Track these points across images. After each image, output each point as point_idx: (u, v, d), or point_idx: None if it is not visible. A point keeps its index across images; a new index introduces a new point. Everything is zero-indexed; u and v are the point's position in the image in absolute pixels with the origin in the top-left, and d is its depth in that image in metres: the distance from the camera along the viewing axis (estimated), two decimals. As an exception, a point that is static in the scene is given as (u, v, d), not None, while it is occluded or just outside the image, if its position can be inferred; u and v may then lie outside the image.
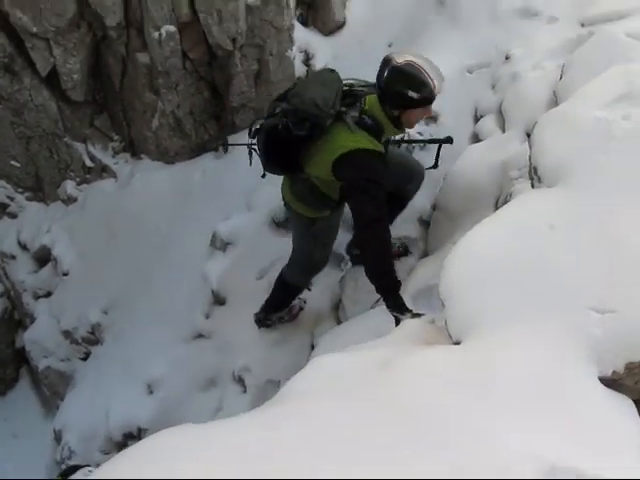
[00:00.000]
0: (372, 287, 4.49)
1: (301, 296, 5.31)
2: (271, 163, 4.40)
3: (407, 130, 4.45)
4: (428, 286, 3.91)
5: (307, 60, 7.27)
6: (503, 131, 4.89)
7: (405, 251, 4.92)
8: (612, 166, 2.73)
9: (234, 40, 6.81)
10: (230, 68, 7.05)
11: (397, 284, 3.93)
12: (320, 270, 4.94)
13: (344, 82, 4.21)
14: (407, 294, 4.15)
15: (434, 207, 4.69)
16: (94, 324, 7.43)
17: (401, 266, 4.67)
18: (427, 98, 3.98)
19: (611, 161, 2.75)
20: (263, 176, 4.60)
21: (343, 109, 4.09)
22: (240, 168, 6.71)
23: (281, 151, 4.26)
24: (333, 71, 4.29)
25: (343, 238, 5.08)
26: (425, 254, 4.64)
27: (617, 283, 2.38)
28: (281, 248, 5.58)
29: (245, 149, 4.70)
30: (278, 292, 5.20)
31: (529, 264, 2.54)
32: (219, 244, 6.21)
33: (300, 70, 7.25)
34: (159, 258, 7.20)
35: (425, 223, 4.79)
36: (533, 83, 4.77)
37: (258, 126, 4.42)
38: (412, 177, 4.67)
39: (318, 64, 7.21)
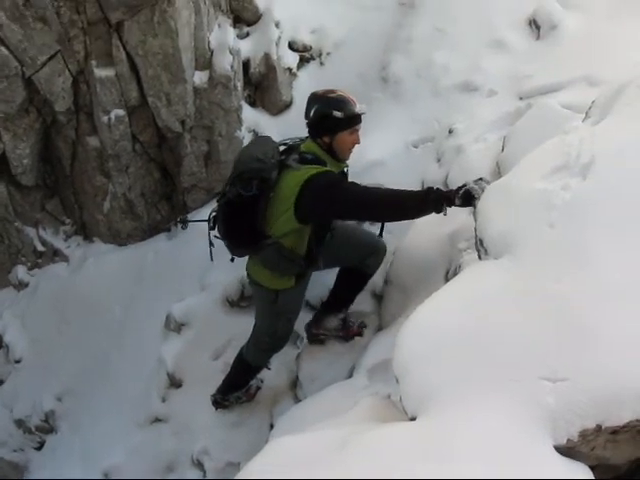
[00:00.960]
0: (329, 362, 4.51)
1: (258, 375, 5.26)
2: (235, 242, 4.45)
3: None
4: (384, 360, 3.90)
5: (256, 140, 7.38)
6: (450, 202, 4.99)
7: (363, 328, 4.94)
8: (555, 236, 2.80)
9: (183, 122, 6.90)
10: (180, 149, 7.12)
11: (421, 198, 3.94)
12: (282, 347, 4.93)
13: (280, 142, 4.48)
14: (363, 368, 4.15)
15: (386, 281, 4.73)
16: (48, 412, 7.23)
17: (357, 340, 4.69)
18: (351, 117, 4.28)
19: (554, 231, 2.82)
20: (232, 260, 4.67)
21: (283, 157, 4.31)
22: (193, 248, 6.72)
23: (240, 223, 4.31)
24: (266, 136, 4.65)
25: (303, 317, 5.08)
26: (380, 328, 4.66)
27: (567, 351, 2.42)
28: (236, 328, 5.57)
29: (200, 227, 4.76)
30: (237, 372, 5.16)
31: (480, 336, 2.57)
32: (173, 325, 6.15)
33: (250, 149, 7.36)
34: (114, 342, 7.09)
35: (378, 297, 4.82)
36: (476, 156, 4.89)
37: (214, 214, 4.50)
38: (372, 251, 4.72)
39: (267, 143, 7.34)
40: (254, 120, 7.35)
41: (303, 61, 7.56)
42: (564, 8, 6.14)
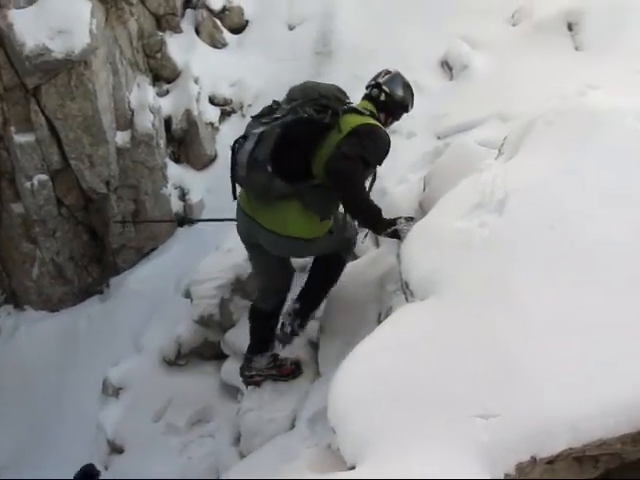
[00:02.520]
0: (272, 416, 4.44)
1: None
2: (284, 167, 4.03)
3: None
4: (323, 409, 3.88)
5: (183, 196, 7.39)
6: (377, 246, 5.05)
7: (298, 368, 4.87)
8: (476, 272, 2.86)
9: (108, 183, 6.87)
10: (107, 210, 7.08)
11: (377, 212, 3.99)
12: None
13: None
14: (304, 419, 4.13)
15: (321, 328, 4.73)
16: (-15, 491, 6.99)
17: (295, 389, 4.66)
18: None
19: (475, 268, 2.88)
20: (235, 198, 4.33)
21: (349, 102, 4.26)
22: (126, 309, 6.64)
23: (302, 147, 4.07)
24: None
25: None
26: (318, 375, 4.64)
27: (496, 386, 2.46)
28: (175, 387, 5.51)
29: (131, 287, 4.60)
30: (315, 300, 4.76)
31: (411, 379, 2.60)
32: (111, 390, 6.03)
33: (177, 206, 7.36)
34: (51, 411, 6.92)
35: (314, 344, 4.81)
36: (400, 197, 4.96)
37: (248, 138, 4.12)
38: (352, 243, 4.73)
39: (194, 198, 7.36)
40: (179, 176, 7.37)
41: (224, 115, 7.66)
42: (473, 49, 6.36)
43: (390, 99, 4.46)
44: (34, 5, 6.36)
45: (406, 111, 4.62)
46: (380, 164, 4.25)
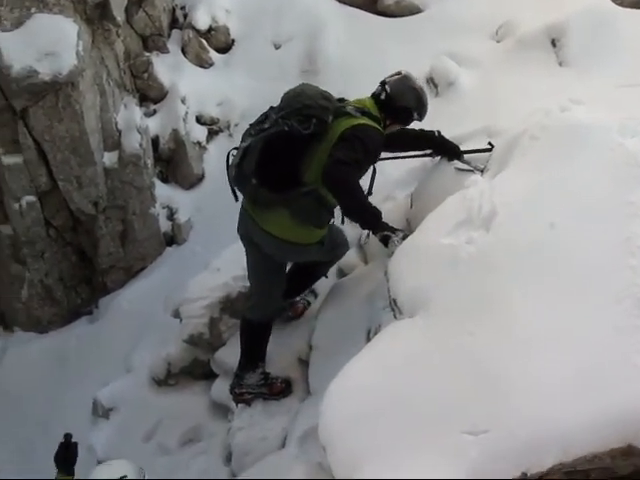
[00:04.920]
0: (263, 435, 4.42)
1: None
2: (269, 179, 4.14)
3: None
4: (314, 427, 3.87)
5: (171, 215, 7.41)
6: (366, 263, 5.05)
7: (288, 386, 4.86)
8: (463, 289, 2.88)
9: (96, 204, 6.88)
10: (95, 231, 7.09)
11: (375, 215, 4.01)
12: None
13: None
14: (294, 438, 4.12)
15: (311, 347, 4.73)
16: (-25, 516, 6.91)
17: (285, 408, 4.65)
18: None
19: (462, 284, 2.89)
20: (236, 199, 4.39)
21: (341, 104, 4.24)
22: (115, 330, 6.62)
23: (282, 162, 4.12)
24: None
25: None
26: (308, 393, 4.64)
27: (485, 402, 2.47)
28: (164, 407, 5.48)
29: (120, 308, 4.59)
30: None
31: (400, 396, 2.61)
32: (101, 411, 6.00)
33: (165, 225, 7.37)
34: (40, 433, 6.85)
35: (305, 363, 4.80)
36: (388, 214, 4.92)
37: (237, 151, 4.24)
38: (345, 242, 4.81)
39: (182, 217, 7.39)
40: (167, 196, 7.39)
41: (212, 134, 7.70)
42: (459, 65, 6.40)
43: (389, 99, 4.40)
44: (21, 27, 6.37)
45: (410, 116, 4.50)
46: (375, 162, 4.28)
